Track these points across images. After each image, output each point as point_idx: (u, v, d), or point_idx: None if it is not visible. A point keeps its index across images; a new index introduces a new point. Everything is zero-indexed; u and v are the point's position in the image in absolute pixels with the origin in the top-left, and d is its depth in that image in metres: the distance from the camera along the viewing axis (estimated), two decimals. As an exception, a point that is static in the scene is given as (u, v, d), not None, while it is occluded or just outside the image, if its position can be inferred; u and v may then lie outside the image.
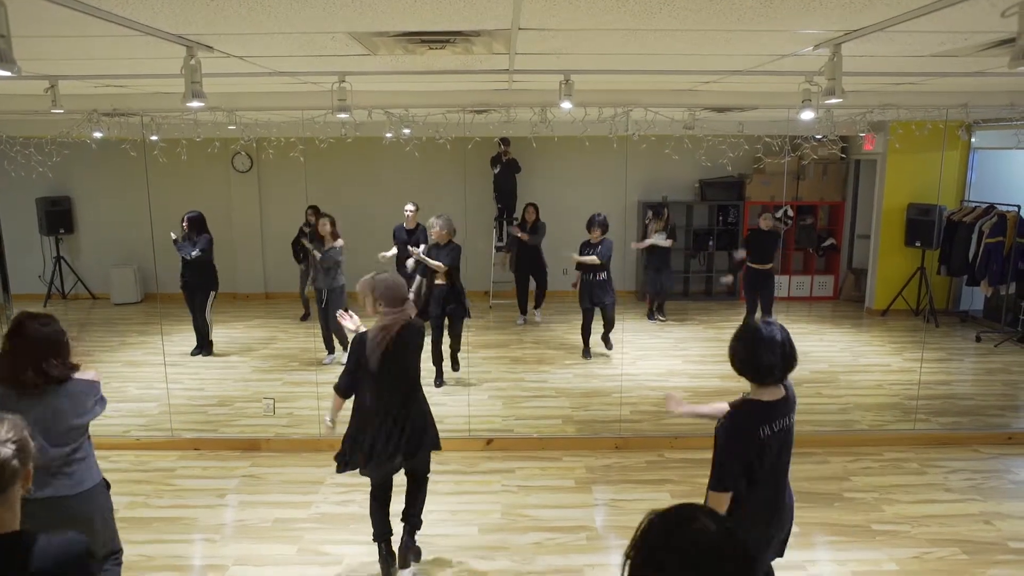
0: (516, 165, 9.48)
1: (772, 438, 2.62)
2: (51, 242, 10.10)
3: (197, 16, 2.39)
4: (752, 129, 7.68)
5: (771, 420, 2.63)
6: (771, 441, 2.62)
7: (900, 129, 8.19)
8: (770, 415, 2.63)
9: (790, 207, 9.98)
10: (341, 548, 4.13)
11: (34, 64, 3.53)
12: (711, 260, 10.54)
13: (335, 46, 3.05)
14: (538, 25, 2.62)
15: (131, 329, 8.88)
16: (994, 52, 3.13)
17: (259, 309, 9.96)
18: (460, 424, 5.67)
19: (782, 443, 2.68)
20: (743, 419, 2.63)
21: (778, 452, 2.68)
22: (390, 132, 7.27)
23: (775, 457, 2.67)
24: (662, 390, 6.66)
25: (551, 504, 4.64)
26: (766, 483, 2.67)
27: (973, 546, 4.13)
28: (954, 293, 9.39)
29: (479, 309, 9.54)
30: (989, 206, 8.38)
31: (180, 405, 6.20)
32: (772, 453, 2.64)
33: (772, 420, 2.63)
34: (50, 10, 2.20)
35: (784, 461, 2.74)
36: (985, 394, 6.61)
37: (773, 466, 2.68)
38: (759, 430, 2.59)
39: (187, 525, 4.41)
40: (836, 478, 4.98)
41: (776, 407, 2.65)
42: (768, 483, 2.68)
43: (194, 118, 6.77)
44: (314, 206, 8.71)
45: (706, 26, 2.61)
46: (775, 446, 2.65)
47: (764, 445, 2.60)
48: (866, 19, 2.46)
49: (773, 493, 2.74)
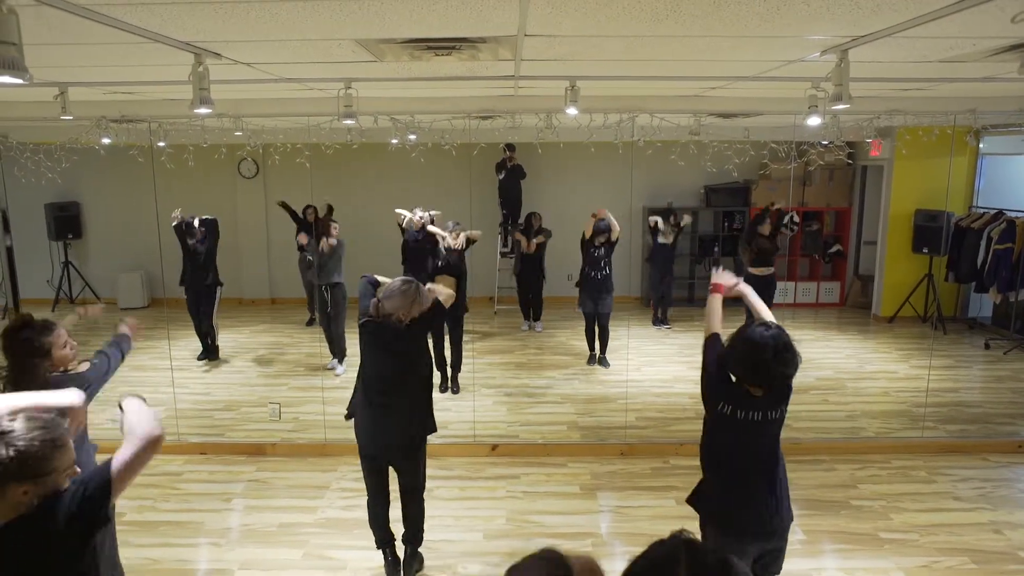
0: (521, 171, 9.48)
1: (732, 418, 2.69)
2: (59, 247, 10.14)
3: (205, 24, 2.40)
4: (758, 135, 7.67)
5: (739, 404, 2.68)
6: (731, 421, 2.68)
7: (907, 135, 8.16)
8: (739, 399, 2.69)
9: (796, 213, 9.96)
10: (346, 553, 4.12)
11: (44, 71, 3.56)
12: (716, 266, 10.49)
13: (342, 53, 3.06)
14: (544, 31, 2.62)
15: (138, 333, 8.88)
16: (1003, 57, 3.12)
17: (265, 314, 9.99)
18: (465, 430, 5.66)
19: (748, 432, 2.69)
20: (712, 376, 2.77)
21: (738, 436, 2.69)
22: (396, 138, 7.29)
23: (735, 437, 2.69)
24: (667, 396, 6.65)
25: (556, 510, 4.63)
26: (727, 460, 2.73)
27: (982, 555, 4.09)
28: (962, 300, 9.34)
29: (484, 315, 9.55)
30: (998, 212, 8.34)
31: (186, 409, 6.22)
32: (731, 431, 2.69)
33: (741, 405, 2.68)
34: (60, 18, 2.21)
35: (749, 451, 2.73)
36: (994, 402, 6.57)
37: (735, 448, 2.70)
38: (721, 403, 2.71)
39: (193, 529, 4.42)
40: (843, 486, 4.95)
41: (751, 398, 2.68)
42: (728, 463, 2.72)
43: (201, 124, 6.80)
44: (312, 206, 8.76)
45: (712, 32, 2.61)
46: (736, 426, 2.68)
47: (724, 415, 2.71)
48: (874, 25, 2.45)
49: (734, 479, 2.75)
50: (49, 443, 1.79)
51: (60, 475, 1.81)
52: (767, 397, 2.69)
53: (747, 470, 2.76)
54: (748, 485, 2.75)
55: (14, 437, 1.76)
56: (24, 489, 1.75)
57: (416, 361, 3.63)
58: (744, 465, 2.76)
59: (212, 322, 7.59)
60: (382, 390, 3.59)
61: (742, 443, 2.74)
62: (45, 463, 1.77)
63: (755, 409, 2.67)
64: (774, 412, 2.70)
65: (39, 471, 1.76)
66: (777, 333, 2.63)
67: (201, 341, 7.70)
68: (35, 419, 1.83)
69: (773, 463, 2.78)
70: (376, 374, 3.62)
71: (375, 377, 3.62)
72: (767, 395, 2.69)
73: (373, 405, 3.61)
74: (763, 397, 2.68)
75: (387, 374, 3.59)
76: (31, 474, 1.75)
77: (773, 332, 2.62)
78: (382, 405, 3.59)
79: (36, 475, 1.76)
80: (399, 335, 3.51)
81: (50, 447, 1.79)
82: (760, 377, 2.63)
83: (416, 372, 3.65)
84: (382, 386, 3.59)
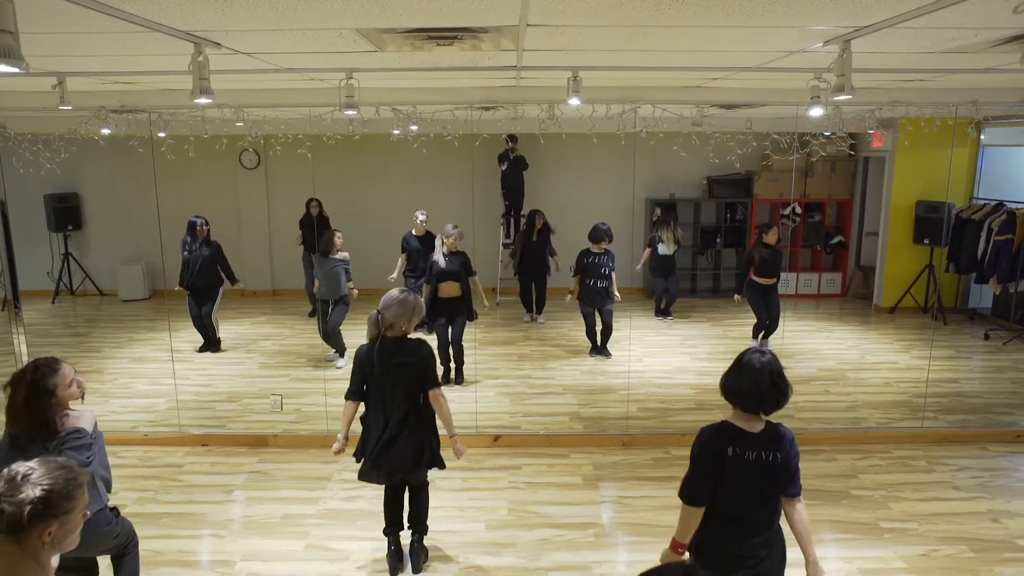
0: (524, 162, 9.47)
1: (740, 460, 2.62)
2: (59, 239, 10.15)
3: (205, 13, 2.39)
4: (760, 126, 7.64)
5: (741, 445, 2.63)
6: (739, 463, 2.62)
7: (909, 126, 8.14)
8: (740, 440, 2.63)
9: (798, 204, 9.95)
10: (348, 544, 4.14)
11: (42, 60, 3.54)
12: (719, 258, 10.51)
13: (343, 42, 3.05)
14: (546, 21, 2.61)
15: (139, 325, 8.91)
16: (1005, 48, 3.10)
17: (266, 306, 9.99)
18: (467, 421, 5.67)
19: (755, 474, 2.63)
20: (710, 434, 2.69)
21: (745, 479, 2.64)
22: (398, 129, 7.27)
23: (742, 482, 2.64)
24: (669, 387, 6.66)
25: (558, 501, 4.65)
26: (728, 504, 2.65)
27: (981, 544, 4.11)
28: (963, 291, 9.34)
29: (486, 307, 9.55)
30: (998, 203, 8.33)
31: (188, 401, 6.23)
32: (738, 476, 2.63)
33: (743, 446, 2.63)
34: (59, 7, 2.20)
35: (755, 493, 2.65)
36: (993, 392, 6.58)
37: (738, 490, 2.64)
38: (726, 449, 2.63)
39: (195, 521, 4.43)
40: (844, 475, 4.97)
41: (749, 436, 2.64)
42: (730, 506, 2.65)
43: (202, 115, 6.78)
44: (316, 198, 8.75)
45: (715, 22, 2.60)
46: (743, 470, 2.62)
47: (730, 464, 2.62)
48: (876, 15, 2.44)
49: (734, 520, 2.67)
50: (72, 481, 1.85)
51: (79, 513, 1.87)
52: (758, 437, 2.65)
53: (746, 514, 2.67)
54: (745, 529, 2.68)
55: (39, 478, 1.81)
56: (49, 530, 1.79)
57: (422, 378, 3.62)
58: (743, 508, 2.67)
59: (212, 318, 7.60)
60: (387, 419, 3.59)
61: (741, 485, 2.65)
62: (69, 501, 1.83)
63: (755, 448, 2.64)
64: (778, 455, 2.64)
65: (64, 510, 1.82)
66: (770, 356, 2.68)
67: (201, 334, 7.71)
68: (50, 461, 1.89)
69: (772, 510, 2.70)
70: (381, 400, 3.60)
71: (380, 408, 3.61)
72: (758, 436, 2.65)
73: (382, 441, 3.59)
74: (755, 435, 2.64)
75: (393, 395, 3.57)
76: (58, 512, 1.80)
77: (768, 358, 2.66)
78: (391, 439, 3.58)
79: (61, 513, 1.81)
80: (400, 349, 3.55)
81: (73, 485, 1.85)
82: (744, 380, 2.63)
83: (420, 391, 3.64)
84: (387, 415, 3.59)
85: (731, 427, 2.68)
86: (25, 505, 1.75)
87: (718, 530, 2.69)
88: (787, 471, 2.66)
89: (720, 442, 2.65)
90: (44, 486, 1.79)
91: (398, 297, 3.58)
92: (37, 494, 1.77)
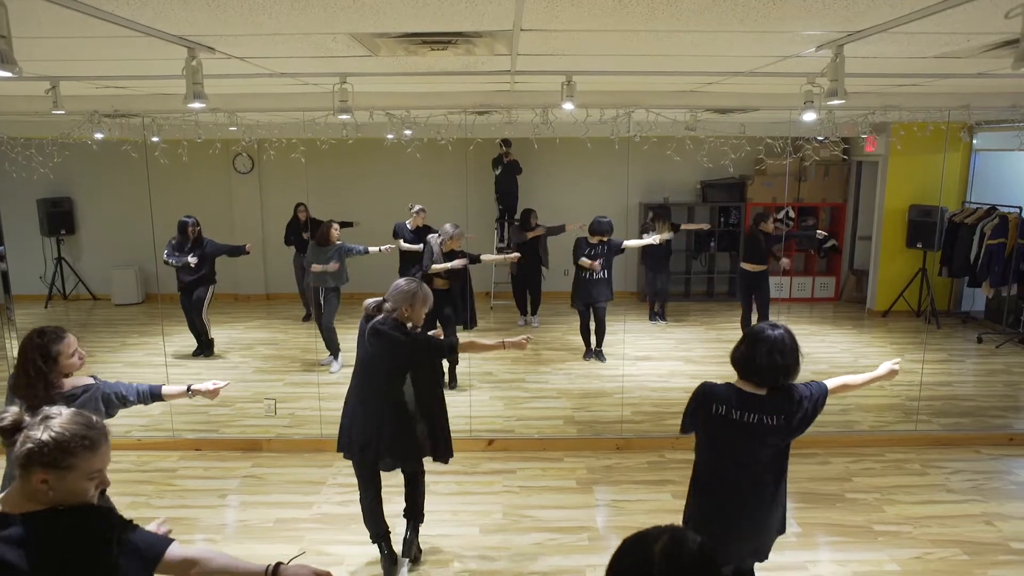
0: (518, 167, 9.47)
1: (726, 421, 2.69)
2: (52, 243, 10.10)
3: (199, 17, 2.39)
4: (754, 130, 7.67)
5: (732, 404, 2.68)
6: (725, 423, 2.68)
7: (902, 131, 8.18)
8: (733, 400, 2.70)
9: (791, 208, 9.97)
10: (343, 548, 4.13)
11: (35, 65, 3.53)
12: (712, 261, 10.54)
13: (336, 47, 3.04)
14: (540, 26, 2.62)
15: (132, 330, 8.88)
16: (997, 53, 3.12)
17: (260, 310, 9.97)
18: (461, 424, 5.65)
19: (743, 436, 2.68)
20: (706, 385, 2.81)
21: (734, 442, 2.68)
22: (391, 133, 7.27)
23: (729, 444, 2.69)
24: (663, 391, 6.66)
25: (552, 505, 4.64)
26: (716, 464, 2.73)
27: (974, 547, 4.12)
28: (955, 294, 9.38)
29: (481, 310, 9.52)
30: (991, 208, 8.38)
31: (181, 405, 6.18)
32: (725, 436, 2.69)
33: (734, 406, 2.68)
34: (51, 11, 2.19)
35: (744, 457, 2.71)
36: (986, 395, 6.61)
37: (726, 453, 2.70)
38: (713, 405, 2.72)
39: (189, 525, 4.41)
40: (838, 479, 4.98)
41: (744, 397, 2.69)
42: (717, 468, 2.72)
43: (195, 119, 6.77)
44: (303, 204, 8.77)
45: (708, 27, 2.61)
46: (730, 431, 2.68)
47: (716, 421, 2.70)
48: (869, 20, 2.45)
49: (722, 482, 2.74)
50: (80, 439, 1.82)
51: (82, 477, 1.84)
52: (755, 399, 2.68)
53: (732, 478, 2.73)
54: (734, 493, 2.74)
55: (53, 424, 1.82)
56: (44, 477, 1.79)
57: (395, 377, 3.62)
58: (729, 470, 2.74)
59: (203, 317, 7.56)
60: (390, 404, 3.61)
61: (728, 447, 2.72)
62: (68, 457, 1.80)
63: (747, 409, 2.67)
64: (769, 419, 2.68)
65: (60, 463, 1.79)
66: (783, 329, 2.73)
67: (195, 338, 7.68)
68: (81, 416, 1.88)
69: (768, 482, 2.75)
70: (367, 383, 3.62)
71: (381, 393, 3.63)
72: (755, 397, 2.68)
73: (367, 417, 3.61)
74: (753, 397, 2.68)
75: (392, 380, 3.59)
76: (53, 463, 1.79)
77: (777, 333, 2.71)
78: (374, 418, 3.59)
79: (57, 465, 1.79)
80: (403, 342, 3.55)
81: (79, 444, 1.82)
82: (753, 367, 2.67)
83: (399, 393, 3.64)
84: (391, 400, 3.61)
85: (726, 385, 2.76)
86: (28, 444, 1.78)
87: (711, 504, 2.77)
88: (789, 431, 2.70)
89: (712, 397, 2.74)
90: (52, 433, 1.79)
91: (403, 286, 3.60)
92: (42, 438, 1.78)
